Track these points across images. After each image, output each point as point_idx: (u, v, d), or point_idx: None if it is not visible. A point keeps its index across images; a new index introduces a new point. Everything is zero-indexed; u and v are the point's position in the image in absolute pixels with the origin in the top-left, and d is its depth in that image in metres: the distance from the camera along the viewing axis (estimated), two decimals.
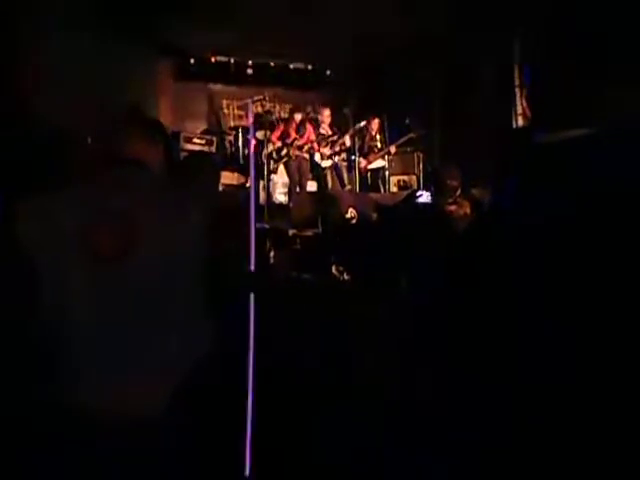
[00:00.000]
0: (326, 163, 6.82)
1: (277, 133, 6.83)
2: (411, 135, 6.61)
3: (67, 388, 1.23)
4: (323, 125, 6.90)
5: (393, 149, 6.77)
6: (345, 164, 6.96)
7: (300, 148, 6.65)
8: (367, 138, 6.90)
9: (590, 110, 0.84)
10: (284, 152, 6.72)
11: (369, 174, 6.94)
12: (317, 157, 6.76)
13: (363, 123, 6.64)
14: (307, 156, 6.71)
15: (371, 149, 6.90)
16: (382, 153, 6.84)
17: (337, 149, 6.82)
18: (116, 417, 1.20)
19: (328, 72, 8.18)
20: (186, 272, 1.30)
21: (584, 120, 0.84)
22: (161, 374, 1.25)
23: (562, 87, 0.89)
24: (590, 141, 0.82)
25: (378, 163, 6.91)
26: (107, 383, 1.22)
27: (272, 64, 7.94)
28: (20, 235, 1.26)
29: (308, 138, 6.72)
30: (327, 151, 6.76)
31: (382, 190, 6.79)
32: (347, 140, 6.74)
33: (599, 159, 0.81)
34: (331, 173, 6.89)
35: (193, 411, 1.27)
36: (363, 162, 6.84)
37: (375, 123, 6.88)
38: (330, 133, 6.84)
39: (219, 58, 7.75)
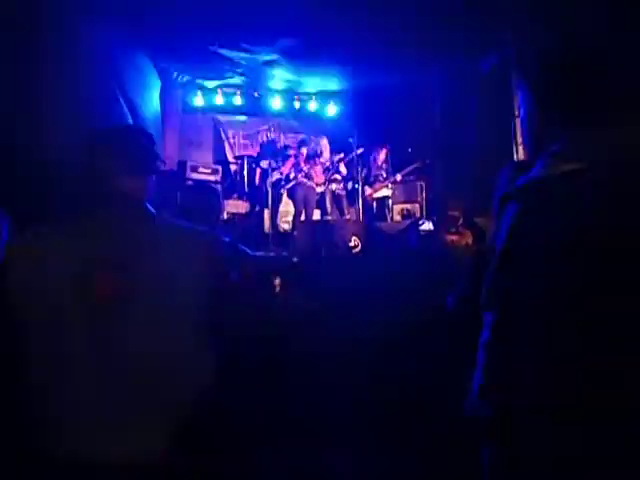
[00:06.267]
0: (320, 189, 6.92)
1: (288, 165, 6.92)
2: (417, 165, 6.71)
3: (63, 439, 1.17)
4: (324, 154, 7.03)
5: (399, 177, 6.84)
6: (344, 193, 7.06)
7: (308, 177, 6.76)
8: (374, 168, 7.02)
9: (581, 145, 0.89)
10: (292, 177, 6.82)
11: (374, 203, 7.02)
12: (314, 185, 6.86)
13: (360, 150, 6.76)
14: (314, 185, 6.81)
15: (377, 178, 7.00)
16: (387, 182, 6.92)
17: (335, 177, 6.94)
18: (115, 467, 1.14)
19: (331, 102, 8.32)
20: (187, 319, 1.22)
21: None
22: (161, 422, 1.19)
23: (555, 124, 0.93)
24: (582, 175, 0.86)
25: (384, 192, 6.98)
26: (105, 435, 1.15)
27: (277, 94, 8.09)
28: (9, 277, 1.16)
29: (315, 168, 6.84)
30: (321, 179, 6.87)
31: (388, 219, 6.83)
32: (343, 168, 6.90)
33: (590, 192, 0.84)
34: (330, 201, 6.97)
35: (194, 456, 1.20)
36: (369, 190, 6.93)
37: (382, 153, 7.03)
38: (329, 163, 6.97)
39: (225, 90, 7.92)
